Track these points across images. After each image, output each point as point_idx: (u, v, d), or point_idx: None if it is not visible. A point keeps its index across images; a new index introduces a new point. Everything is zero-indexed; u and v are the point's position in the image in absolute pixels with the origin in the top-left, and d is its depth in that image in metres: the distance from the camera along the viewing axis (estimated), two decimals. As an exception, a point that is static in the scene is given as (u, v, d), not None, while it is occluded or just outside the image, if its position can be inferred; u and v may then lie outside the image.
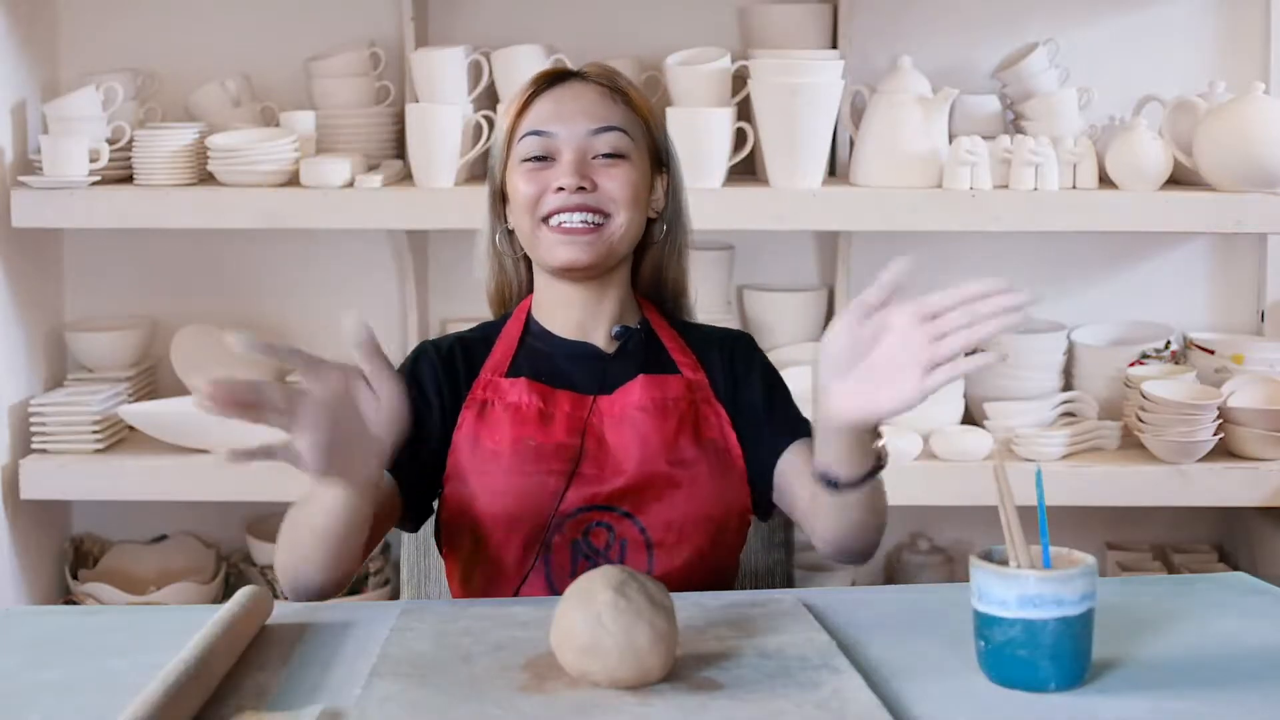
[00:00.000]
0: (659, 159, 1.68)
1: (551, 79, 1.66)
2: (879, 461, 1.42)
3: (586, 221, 1.58)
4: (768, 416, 1.64)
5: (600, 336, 1.65)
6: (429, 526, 1.65)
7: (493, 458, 1.56)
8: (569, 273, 1.60)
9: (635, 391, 1.60)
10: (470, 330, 1.70)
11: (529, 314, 1.68)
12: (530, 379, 1.61)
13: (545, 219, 1.59)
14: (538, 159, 1.61)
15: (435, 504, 1.62)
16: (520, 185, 1.61)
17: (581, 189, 1.58)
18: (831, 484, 1.40)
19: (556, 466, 1.55)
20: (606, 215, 1.60)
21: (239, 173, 2.65)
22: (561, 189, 1.58)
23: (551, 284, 1.65)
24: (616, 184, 1.60)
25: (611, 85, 1.65)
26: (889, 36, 2.91)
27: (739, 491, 1.61)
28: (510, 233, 1.67)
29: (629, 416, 1.59)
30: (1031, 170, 2.64)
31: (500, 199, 1.67)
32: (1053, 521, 1.23)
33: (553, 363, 1.63)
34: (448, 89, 2.73)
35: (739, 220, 2.66)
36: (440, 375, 1.62)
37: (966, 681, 1.18)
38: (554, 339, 1.65)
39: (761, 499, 1.62)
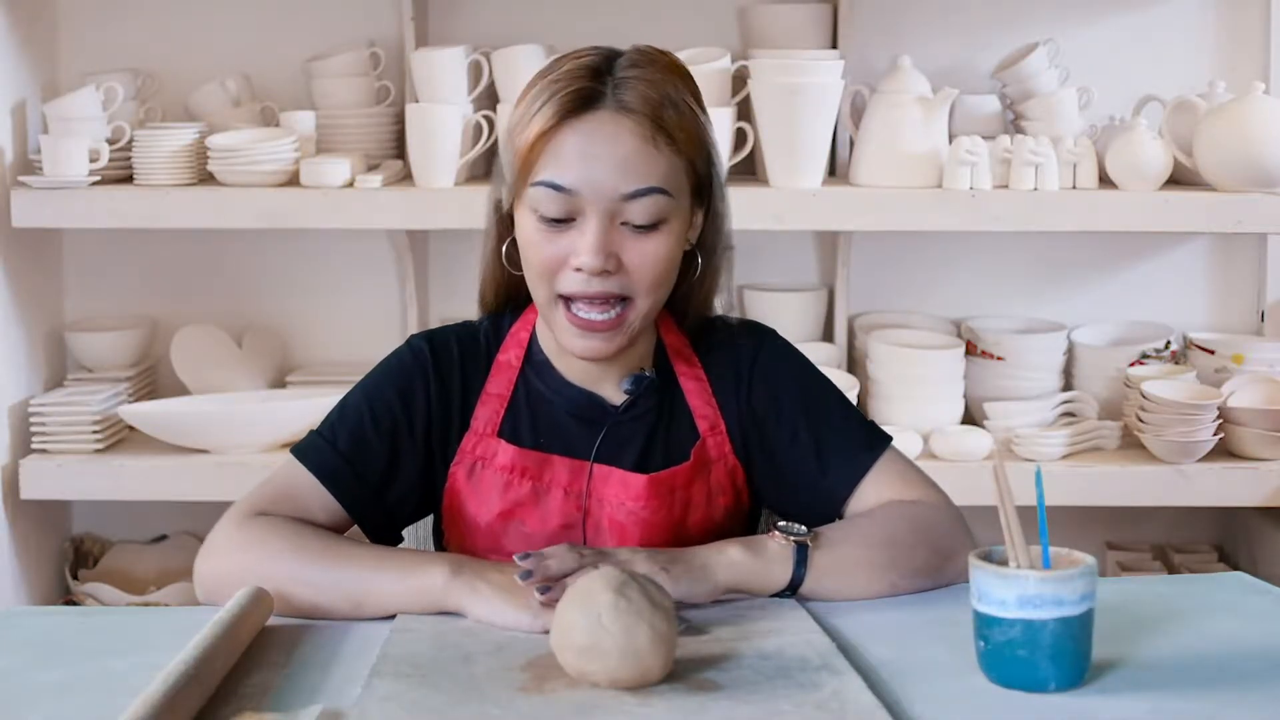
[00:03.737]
0: (702, 189, 1.48)
1: (580, 102, 1.39)
2: (800, 548, 1.37)
3: (606, 303, 1.41)
4: (818, 461, 1.50)
5: (610, 385, 1.51)
6: (428, 528, 1.65)
7: (484, 530, 1.49)
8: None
9: (639, 486, 1.48)
10: (473, 326, 1.56)
11: (534, 333, 1.53)
12: (524, 446, 1.49)
13: (562, 298, 1.43)
14: (556, 218, 1.40)
15: (401, 528, 1.56)
16: (534, 245, 1.42)
17: (605, 271, 1.39)
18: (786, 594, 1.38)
19: None
20: (628, 300, 1.42)
21: (239, 173, 2.65)
22: (580, 269, 1.40)
23: None
24: (645, 263, 1.41)
25: (654, 122, 1.39)
26: (889, 36, 2.91)
27: (750, 520, 1.58)
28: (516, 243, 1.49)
29: (630, 509, 1.48)
30: (1031, 170, 2.64)
31: (508, 219, 1.48)
32: (1053, 521, 1.23)
33: (552, 414, 1.50)
34: (448, 89, 2.73)
35: (739, 220, 2.59)
36: (433, 403, 1.50)
37: (966, 682, 1.18)
38: (558, 380, 1.51)
39: (813, 517, 1.45)
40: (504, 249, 1.51)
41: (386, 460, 1.49)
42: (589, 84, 1.40)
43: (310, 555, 1.37)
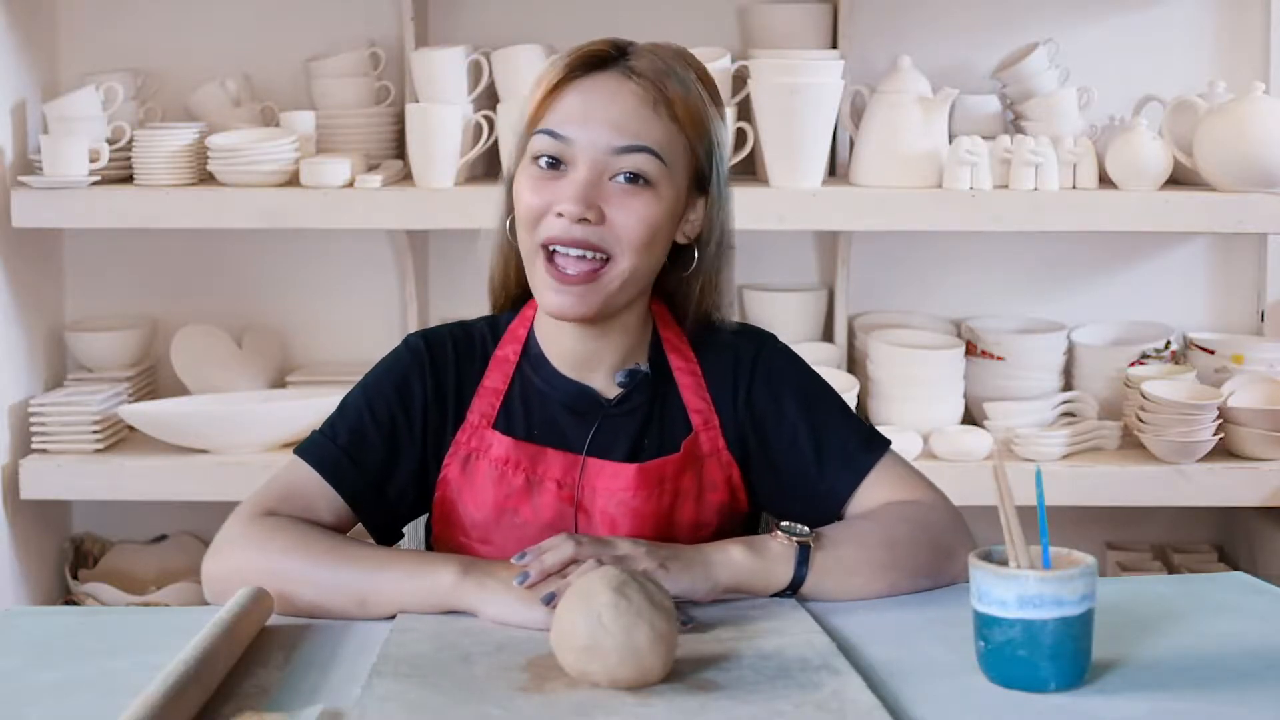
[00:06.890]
0: (702, 178, 1.48)
1: (591, 63, 1.44)
2: (803, 548, 1.37)
3: (584, 258, 1.41)
4: (817, 464, 1.50)
5: (602, 376, 1.51)
6: (422, 530, 1.65)
7: (478, 523, 1.49)
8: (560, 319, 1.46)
9: (629, 476, 1.47)
10: (470, 325, 1.56)
11: (531, 328, 1.54)
12: (519, 439, 1.49)
13: (544, 245, 1.42)
14: (549, 163, 1.42)
15: (402, 524, 1.56)
16: (524, 191, 1.44)
17: (585, 220, 1.39)
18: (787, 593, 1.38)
19: None
20: (608, 257, 1.42)
21: (239, 173, 2.65)
22: (562, 214, 1.40)
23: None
24: (629, 220, 1.40)
25: (657, 89, 1.42)
26: (889, 36, 2.91)
27: (747, 525, 1.58)
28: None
29: (620, 499, 1.47)
30: (1031, 170, 2.64)
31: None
32: (1053, 521, 1.23)
33: (546, 408, 1.51)
34: (448, 89, 2.73)
35: (739, 220, 2.62)
36: (429, 398, 1.50)
37: (966, 682, 1.18)
38: (552, 374, 1.51)
39: (810, 521, 1.44)
40: (508, 224, 1.51)
41: (385, 454, 1.50)
42: (603, 49, 1.46)
43: (317, 554, 1.37)
